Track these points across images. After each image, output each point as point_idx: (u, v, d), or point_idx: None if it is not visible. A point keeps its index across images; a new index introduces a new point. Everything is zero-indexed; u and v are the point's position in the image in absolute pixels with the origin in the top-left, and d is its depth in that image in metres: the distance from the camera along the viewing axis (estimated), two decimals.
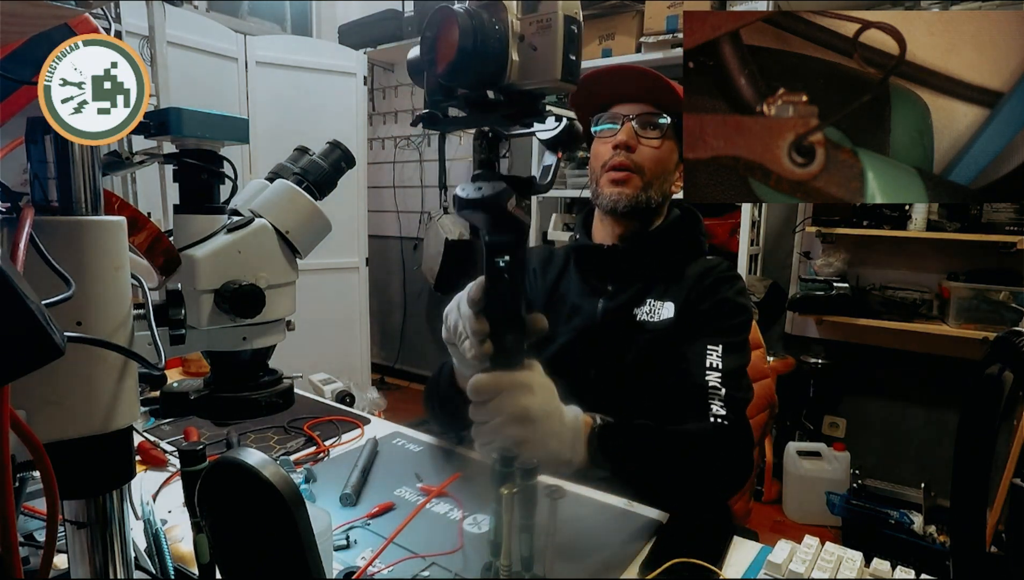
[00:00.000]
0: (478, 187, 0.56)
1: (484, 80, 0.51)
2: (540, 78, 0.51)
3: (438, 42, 0.50)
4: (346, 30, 3.53)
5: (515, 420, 0.61)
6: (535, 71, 0.50)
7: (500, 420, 0.61)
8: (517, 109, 0.53)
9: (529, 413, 0.61)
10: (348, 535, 0.76)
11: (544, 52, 0.50)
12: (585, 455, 0.70)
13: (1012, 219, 2.01)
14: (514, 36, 0.50)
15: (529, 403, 0.61)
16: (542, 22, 0.50)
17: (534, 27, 0.50)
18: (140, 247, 0.49)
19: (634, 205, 0.98)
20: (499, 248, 0.59)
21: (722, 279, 0.99)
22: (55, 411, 0.40)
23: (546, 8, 0.49)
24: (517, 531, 0.59)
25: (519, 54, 0.51)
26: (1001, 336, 0.49)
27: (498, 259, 0.59)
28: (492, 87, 0.51)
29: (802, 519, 2.39)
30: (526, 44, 0.50)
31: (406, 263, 3.95)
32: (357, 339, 3.31)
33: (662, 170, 0.99)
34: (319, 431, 1.11)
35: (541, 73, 0.50)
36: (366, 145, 3.31)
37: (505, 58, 0.50)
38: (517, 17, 0.51)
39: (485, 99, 0.52)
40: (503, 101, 0.52)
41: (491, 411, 0.61)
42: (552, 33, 0.49)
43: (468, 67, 0.49)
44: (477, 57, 0.48)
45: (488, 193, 0.55)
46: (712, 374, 0.87)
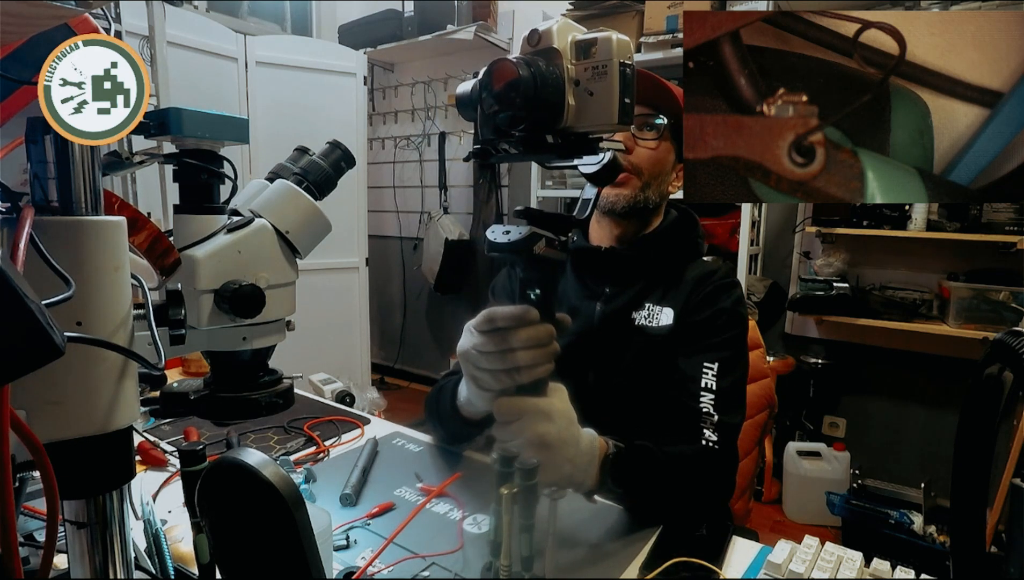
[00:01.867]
0: (506, 231, 0.60)
1: (542, 125, 0.53)
2: (596, 121, 0.52)
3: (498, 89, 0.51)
4: (346, 30, 3.53)
5: (533, 445, 0.63)
6: (591, 115, 0.52)
7: (519, 442, 0.64)
8: (572, 149, 0.55)
9: (546, 440, 0.64)
10: (348, 535, 0.76)
11: (600, 97, 0.51)
12: (597, 479, 0.73)
13: (1012, 219, 2.01)
14: (570, 81, 0.52)
15: (547, 431, 0.64)
16: (597, 68, 0.51)
17: (589, 72, 0.52)
18: (140, 247, 0.49)
19: (632, 205, 0.99)
20: (530, 283, 0.64)
21: (721, 288, 0.99)
22: (55, 411, 0.40)
23: (602, 55, 0.51)
24: (517, 531, 0.59)
25: (575, 99, 0.53)
26: (1001, 336, 0.48)
27: (529, 292, 0.64)
28: (550, 131, 0.53)
29: (802, 519, 2.39)
30: (582, 89, 0.52)
31: (406, 263, 3.95)
32: (357, 339, 3.31)
33: (659, 171, 1.00)
34: (319, 431, 1.11)
35: (597, 117, 0.52)
36: (366, 145, 3.31)
37: (562, 104, 0.52)
38: (571, 63, 0.53)
39: (542, 141, 0.54)
40: (559, 144, 0.54)
41: (512, 433, 0.64)
42: (608, 78, 0.51)
43: (528, 114, 0.51)
44: (537, 104, 0.51)
45: (515, 238, 0.59)
46: (706, 397, 0.90)
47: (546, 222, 0.62)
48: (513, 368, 0.64)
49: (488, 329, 0.65)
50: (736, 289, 1.01)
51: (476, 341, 0.67)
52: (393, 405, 3.44)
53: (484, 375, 0.68)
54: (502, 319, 0.64)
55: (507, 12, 3.26)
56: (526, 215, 0.63)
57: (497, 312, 0.65)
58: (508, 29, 3.27)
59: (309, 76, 2.95)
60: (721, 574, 0.70)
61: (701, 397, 0.91)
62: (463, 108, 0.59)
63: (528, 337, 0.63)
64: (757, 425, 1.32)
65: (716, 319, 0.97)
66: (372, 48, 3.36)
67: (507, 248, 0.60)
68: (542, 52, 0.53)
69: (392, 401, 3.51)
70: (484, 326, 0.65)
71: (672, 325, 0.97)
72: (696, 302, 0.98)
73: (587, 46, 0.52)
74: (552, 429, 0.65)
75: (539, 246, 0.60)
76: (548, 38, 0.53)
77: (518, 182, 3.36)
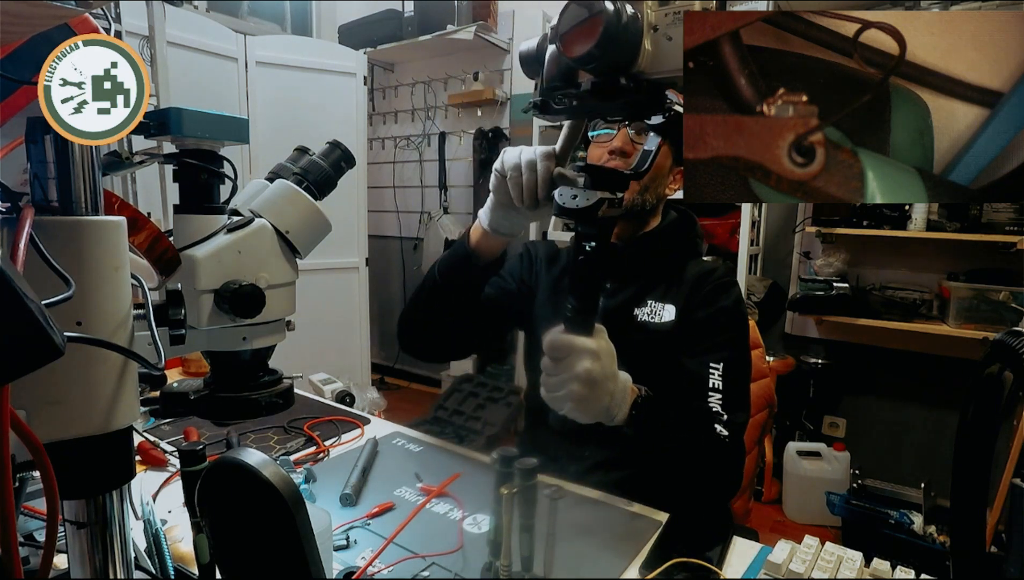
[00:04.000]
0: (573, 195, 0.65)
1: (618, 66, 0.53)
2: (672, 67, 0.52)
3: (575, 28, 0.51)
4: (346, 30, 3.53)
5: (580, 380, 0.70)
6: (668, 60, 0.52)
7: (567, 376, 0.70)
8: (643, 97, 0.55)
9: (592, 376, 0.70)
10: (348, 535, 0.76)
11: (679, 42, 0.51)
12: (626, 415, 0.78)
13: (1012, 219, 2.01)
14: (648, 26, 0.52)
15: (593, 367, 0.70)
16: (678, 14, 0.51)
17: (669, 18, 0.52)
18: (140, 247, 0.48)
19: (629, 207, 1.00)
20: (587, 237, 0.68)
21: (720, 287, 1.00)
22: (55, 411, 0.40)
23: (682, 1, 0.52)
24: (517, 531, 0.59)
25: (652, 44, 0.53)
26: (1001, 336, 0.48)
27: (585, 244, 0.68)
28: (624, 73, 0.53)
29: (802, 519, 2.38)
30: (660, 34, 0.52)
31: (406, 263, 3.95)
32: (357, 339, 3.31)
33: (657, 174, 1.02)
34: (319, 431, 1.11)
35: (673, 62, 0.52)
36: (366, 145, 3.31)
37: (639, 47, 0.52)
38: (652, 8, 0.52)
39: (615, 85, 0.54)
40: (631, 88, 0.54)
41: (562, 368, 0.70)
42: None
43: (607, 52, 0.51)
44: (617, 43, 0.51)
45: (583, 204, 0.64)
46: (714, 397, 0.92)
47: (604, 178, 0.65)
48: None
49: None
50: (735, 288, 1.02)
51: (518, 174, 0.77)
52: (393, 405, 3.44)
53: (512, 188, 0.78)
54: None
55: (507, 12, 3.26)
56: (588, 171, 0.67)
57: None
58: (508, 29, 3.27)
59: (309, 76, 2.95)
60: (721, 574, 0.70)
61: (709, 397, 0.92)
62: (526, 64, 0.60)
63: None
64: (757, 425, 1.32)
65: (718, 318, 0.98)
66: (372, 48, 3.36)
67: (576, 215, 0.65)
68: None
69: (392, 401, 3.51)
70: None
71: (674, 321, 0.99)
72: (697, 300, 0.99)
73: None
74: (598, 366, 0.70)
75: (603, 209, 0.64)
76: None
77: None
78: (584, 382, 0.70)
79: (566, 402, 0.71)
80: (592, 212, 0.64)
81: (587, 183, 0.67)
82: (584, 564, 0.72)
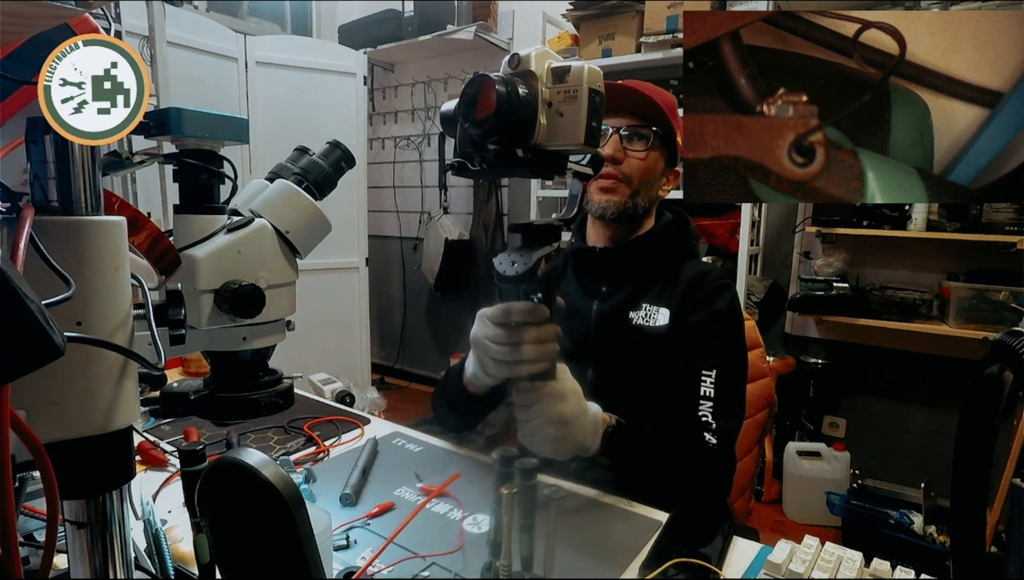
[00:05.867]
0: (512, 261, 0.68)
1: (514, 139, 0.57)
2: (565, 141, 0.57)
3: (476, 102, 0.56)
4: (346, 30, 3.52)
5: (552, 422, 0.74)
6: (561, 134, 0.57)
7: (540, 421, 0.74)
8: (542, 166, 0.60)
9: (564, 417, 0.75)
10: (348, 535, 0.76)
11: (569, 119, 0.56)
12: (599, 445, 0.81)
13: (1012, 219, 2.01)
14: (543, 103, 0.57)
15: (563, 409, 0.75)
16: (569, 92, 0.56)
17: (561, 96, 0.57)
18: (140, 247, 0.48)
19: (621, 211, 1.01)
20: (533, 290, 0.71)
21: (714, 290, 1.00)
22: (55, 411, 0.40)
23: (573, 81, 0.56)
24: (517, 531, 0.59)
25: (547, 118, 0.58)
26: (1001, 336, 0.48)
27: (532, 297, 0.71)
28: (521, 145, 0.58)
29: (802, 519, 2.39)
30: (554, 110, 0.57)
31: (406, 263, 3.95)
32: (357, 339, 3.31)
33: (648, 178, 1.02)
34: (319, 431, 1.11)
35: (566, 136, 0.57)
36: (366, 145, 3.31)
37: (534, 121, 0.57)
38: (546, 86, 0.58)
39: (514, 155, 0.58)
40: (530, 158, 0.59)
41: (533, 414, 0.74)
42: (578, 103, 0.56)
43: (502, 127, 0.55)
44: (510, 119, 0.55)
45: (521, 269, 0.67)
46: (705, 405, 0.94)
47: (540, 234, 0.69)
48: (518, 361, 0.72)
49: (502, 321, 0.72)
50: (729, 291, 1.03)
51: (489, 332, 0.74)
52: (393, 405, 3.44)
53: (491, 362, 0.76)
54: (517, 314, 0.71)
55: (507, 12, 3.26)
56: (520, 230, 0.70)
57: (513, 307, 0.71)
58: (508, 29, 3.27)
59: (309, 76, 2.95)
60: (721, 574, 0.70)
61: (700, 405, 0.93)
62: (446, 125, 0.64)
63: (536, 336, 0.71)
64: (757, 425, 1.32)
65: (712, 323, 0.98)
66: (372, 48, 3.36)
67: (515, 280, 0.68)
68: (521, 74, 0.58)
69: (392, 401, 3.51)
70: (500, 318, 0.73)
71: (668, 325, 0.99)
72: (691, 303, 1.00)
73: (561, 72, 0.57)
74: (567, 407, 0.75)
75: (541, 268, 0.67)
76: (527, 62, 0.58)
77: (518, 182, 3.36)
78: (556, 424, 0.74)
79: (545, 445, 0.75)
80: (532, 274, 0.67)
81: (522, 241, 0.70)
82: (584, 564, 0.72)
